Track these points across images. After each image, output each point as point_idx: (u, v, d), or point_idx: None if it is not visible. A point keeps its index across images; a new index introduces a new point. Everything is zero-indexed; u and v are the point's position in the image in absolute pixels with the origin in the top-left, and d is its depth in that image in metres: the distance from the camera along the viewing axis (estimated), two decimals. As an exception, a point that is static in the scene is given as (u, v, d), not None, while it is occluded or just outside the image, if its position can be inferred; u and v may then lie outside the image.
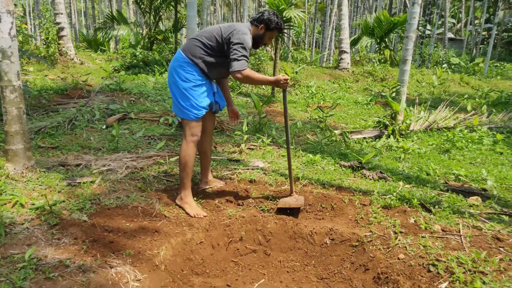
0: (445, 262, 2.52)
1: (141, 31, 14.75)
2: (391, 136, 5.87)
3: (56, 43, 11.64)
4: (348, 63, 14.73)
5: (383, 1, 24.89)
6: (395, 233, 2.94)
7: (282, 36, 11.06)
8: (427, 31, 20.78)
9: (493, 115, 7.75)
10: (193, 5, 6.11)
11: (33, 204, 2.94)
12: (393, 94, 6.32)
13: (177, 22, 12.94)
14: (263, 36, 3.28)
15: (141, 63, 11.61)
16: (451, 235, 2.87)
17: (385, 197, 3.51)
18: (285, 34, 12.88)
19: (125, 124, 5.71)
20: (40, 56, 10.81)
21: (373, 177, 4.13)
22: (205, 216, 3.24)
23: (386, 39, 16.89)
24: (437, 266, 2.50)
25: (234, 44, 3.02)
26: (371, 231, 3.02)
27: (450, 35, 32.20)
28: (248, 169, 4.22)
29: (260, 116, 6.10)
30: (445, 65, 17.66)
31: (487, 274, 2.37)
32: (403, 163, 4.78)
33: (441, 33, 28.30)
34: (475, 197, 3.57)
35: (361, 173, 4.27)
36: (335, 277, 2.88)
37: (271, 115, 7.28)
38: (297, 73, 12.52)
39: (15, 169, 3.35)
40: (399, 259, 2.66)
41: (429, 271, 2.50)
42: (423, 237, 2.85)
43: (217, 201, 3.49)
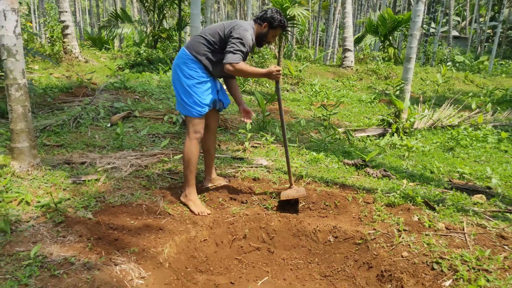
0: (449, 260, 2.52)
1: (145, 29, 14.78)
2: (395, 134, 5.86)
3: (61, 41, 11.69)
4: (352, 61, 14.68)
5: (387, -1, 24.77)
6: (399, 231, 2.94)
7: (286, 34, 11.05)
8: (431, 29, 20.65)
9: (498, 113, 7.70)
10: (197, 3, 6.11)
11: (39, 202, 2.97)
12: (397, 92, 6.30)
13: (181, 20, 12.95)
14: (266, 34, 3.27)
15: (145, 61, 11.64)
16: (455, 233, 2.86)
17: (388, 195, 3.51)
18: (288, 32, 12.87)
19: (130, 122, 5.73)
20: (45, 54, 10.84)
21: (376, 175, 4.12)
22: (209, 214, 3.25)
23: (390, 37, 16.80)
24: (441, 264, 2.50)
25: (233, 38, 3.03)
26: (374, 229, 3.02)
27: (454, 33, 32.01)
28: (251, 167, 4.23)
29: (264, 114, 6.10)
30: (449, 63, 17.58)
31: (491, 272, 2.37)
32: (407, 161, 4.77)
33: (445, 31, 28.14)
34: (479, 195, 3.56)
35: (364, 171, 4.27)
36: (339, 275, 2.88)
37: (275, 113, 7.27)
38: (300, 71, 12.52)
39: (20, 167, 3.37)
40: (402, 257, 2.66)
41: (432, 269, 2.49)
42: (426, 235, 2.85)
43: (221, 199, 3.50)
